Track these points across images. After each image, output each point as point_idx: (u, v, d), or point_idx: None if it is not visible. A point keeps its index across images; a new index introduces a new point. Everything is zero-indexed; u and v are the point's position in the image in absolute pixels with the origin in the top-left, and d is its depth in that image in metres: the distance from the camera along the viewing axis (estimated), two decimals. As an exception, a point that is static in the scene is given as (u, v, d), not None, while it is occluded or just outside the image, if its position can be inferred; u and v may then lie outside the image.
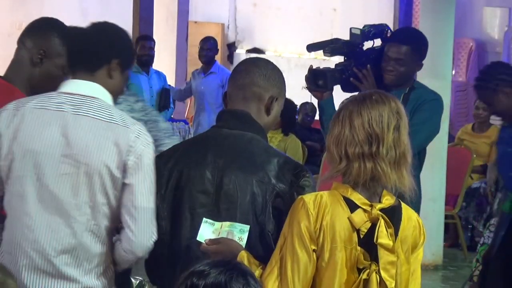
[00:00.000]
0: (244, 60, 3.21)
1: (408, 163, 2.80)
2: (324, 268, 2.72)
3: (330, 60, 5.73)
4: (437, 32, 7.64)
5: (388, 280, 2.73)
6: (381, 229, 2.72)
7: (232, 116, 3.03)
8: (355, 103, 2.80)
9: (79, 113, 2.87)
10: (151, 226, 2.87)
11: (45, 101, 2.91)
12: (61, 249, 2.83)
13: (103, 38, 2.97)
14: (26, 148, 2.85)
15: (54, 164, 2.83)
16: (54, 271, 2.83)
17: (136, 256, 2.89)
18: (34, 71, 3.32)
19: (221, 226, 2.87)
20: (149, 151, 2.88)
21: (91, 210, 2.84)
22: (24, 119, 2.88)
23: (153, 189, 2.89)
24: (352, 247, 2.73)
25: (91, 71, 2.94)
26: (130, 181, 2.84)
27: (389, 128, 2.75)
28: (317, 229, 2.71)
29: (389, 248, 2.73)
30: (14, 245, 2.86)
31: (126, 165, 2.83)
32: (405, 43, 4.44)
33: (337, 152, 2.77)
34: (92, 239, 2.85)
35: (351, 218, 2.73)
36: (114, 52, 2.97)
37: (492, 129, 9.04)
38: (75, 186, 2.83)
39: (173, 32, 12.68)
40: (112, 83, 2.97)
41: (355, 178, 2.75)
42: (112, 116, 2.87)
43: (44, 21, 3.43)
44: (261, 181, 2.90)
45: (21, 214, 2.85)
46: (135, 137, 2.86)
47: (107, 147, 2.83)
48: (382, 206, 2.76)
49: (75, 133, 2.84)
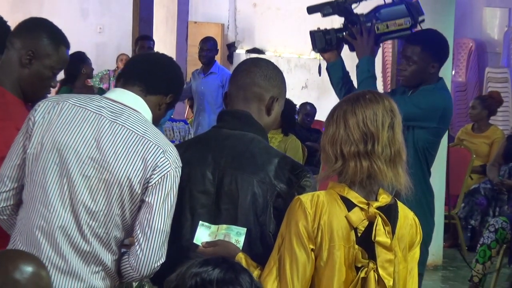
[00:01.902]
0: (245, 61, 3.21)
1: (403, 161, 2.81)
2: (323, 267, 2.73)
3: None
4: (437, 32, 7.64)
5: (386, 278, 2.73)
6: (378, 227, 2.73)
7: (233, 116, 3.04)
8: (349, 102, 2.81)
9: (116, 121, 2.87)
10: (162, 248, 2.85)
11: (87, 101, 2.92)
12: (72, 247, 2.83)
13: (172, 69, 3.06)
14: (56, 141, 2.86)
15: (79, 164, 2.84)
16: (65, 267, 2.84)
17: (140, 274, 2.87)
18: (23, 72, 3.30)
19: (217, 229, 2.87)
20: (175, 175, 2.85)
21: (104, 218, 2.83)
22: (62, 113, 2.89)
23: (172, 212, 2.86)
24: (350, 245, 2.74)
25: (146, 93, 2.98)
26: (150, 199, 2.82)
27: (383, 126, 2.77)
28: (315, 229, 2.72)
29: (386, 246, 2.74)
30: (30, 234, 2.86)
31: (149, 182, 2.82)
32: (416, 43, 4.43)
33: (333, 151, 2.78)
34: (100, 245, 2.85)
35: (349, 217, 2.73)
36: (172, 87, 3.04)
37: (491, 129, 9.05)
38: (94, 191, 2.82)
39: (173, 32, 12.68)
40: (156, 112, 3.01)
41: (351, 177, 2.76)
42: (146, 131, 2.87)
43: (33, 21, 3.41)
44: (262, 182, 2.90)
45: (40, 205, 2.85)
46: (164, 157, 2.84)
47: (134, 160, 2.82)
48: (379, 205, 2.77)
49: (107, 139, 2.84)
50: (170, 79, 3.03)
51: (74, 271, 2.84)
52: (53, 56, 3.31)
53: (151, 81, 2.99)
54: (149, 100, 2.97)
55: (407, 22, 4.43)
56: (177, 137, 9.90)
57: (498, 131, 9.09)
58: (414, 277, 2.88)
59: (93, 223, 2.83)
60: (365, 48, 4.42)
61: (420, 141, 4.34)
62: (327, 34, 4.47)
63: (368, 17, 4.45)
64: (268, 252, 2.80)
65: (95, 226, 2.83)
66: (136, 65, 3.06)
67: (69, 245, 2.83)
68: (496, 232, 6.68)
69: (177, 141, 9.72)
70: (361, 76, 4.44)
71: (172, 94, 3.02)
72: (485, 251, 6.70)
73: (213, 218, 2.92)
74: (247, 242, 2.87)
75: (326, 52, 4.51)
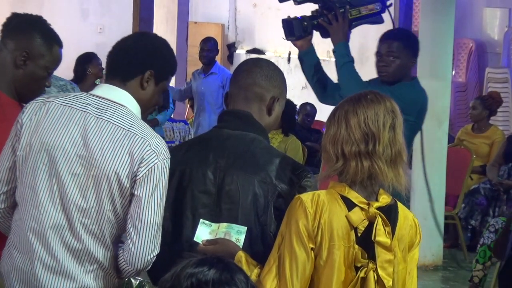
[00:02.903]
0: (246, 61, 3.21)
1: (404, 161, 2.81)
2: (322, 266, 2.73)
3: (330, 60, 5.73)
4: (437, 32, 7.65)
5: (386, 278, 2.74)
6: (379, 227, 2.73)
7: (234, 116, 3.04)
8: (350, 103, 2.82)
9: (102, 117, 2.86)
10: (154, 241, 2.85)
11: (73, 99, 2.92)
12: (65, 247, 2.83)
13: (139, 48, 2.97)
14: (44, 141, 2.86)
15: (68, 162, 2.84)
16: (57, 267, 2.84)
17: (135, 268, 2.87)
18: (17, 73, 3.30)
19: (218, 227, 2.87)
20: (162, 166, 2.84)
21: (96, 215, 2.83)
22: (48, 113, 2.89)
23: (162, 205, 2.86)
24: (350, 245, 2.74)
25: (124, 80, 2.94)
26: (139, 192, 2.82)
27: (384, 127, 2.77)
28: (315, 228, 2.72)
29: (386, 246, 2.74)
30: (23, 235, 2.87)
31: (136, 176, 2.81)
32: (396, 39, 4.54)
33: (334, 151, 2.79)
34: (94, 242, 2.85)
35: (349, 217, 2.74)
36: (148, 63, 2.96)
37: (491, 130, 9.05)
38: (84, 188, 2.83)
39: (173, 32, 12.68)
40: (144, 93, 2.96)
41: (352, 176, 2.77)
42: (132, 125, 2.86)
43: (24, 21, 3.39)
44: (263, 182, 2.90)
45: (30, 207, 2.86)
46: (150, 149, 2.83)
47: (121, 155, 2.82)
48: (379, 205, 2.77)
49: (93, 136, 2.84)
50: (138, 57, 2.95)
51: (67, 271, 2.84)
52: (46, 56, 3.32)
53: (123, 67, 2.95)
54: (130, 86, 2.94)
55: (378, 7, 4.55)
56: (177, 137, 9.90)
57: (498, 132, 9.09)
58: (414, 278, 2.88)
59: (86, 221, 2.83)
60: (340, 33, 4.51)
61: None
62: (304, 21, 4.54)
63: (341, 2, 4.54)
64: (268, 252, 2.80)
65: (88, 223, 2.83)
66: (109, 57, 3.02)
67: (62, 245, 2.83)
68: (497, 233, 6.68)
69: (177, 141, 9.72)
70: (341, 61, 4.52)
71: (151, 69, 2.95)
72: (485, 251, 6.70)
73: (214, 218, 2.92)
74: (248, 242, 2.87)
75: (300, 40, 4.56)
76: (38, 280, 2.84)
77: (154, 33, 3.08)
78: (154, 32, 3.10)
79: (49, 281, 2.83)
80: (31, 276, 2.85)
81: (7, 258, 2.92)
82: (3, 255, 2.95)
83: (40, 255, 2.84)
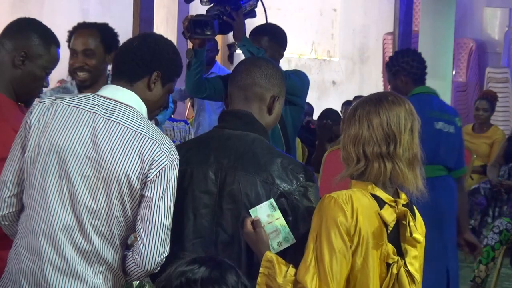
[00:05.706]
0: (244, 60, 3.21)
1: (420, 164, 2.85)
2: (359, 265, 2.75)
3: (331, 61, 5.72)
4: (437, 32, 7.65)
5: (415, 274, 2.79)
6: (412, 223, 2.78)
7: (234, 116, 3.04)
8: (371, 103, 2.84)
9: (111, 118, 2.85)
10: (165, 241, 2.84)
11: (80, 100, 2.91)
12: (74, 248, 2.83)
13: (146, 49, 2.97)
14: (53, 143, 2.85)
15: (77, 164, 2.83)
16: (67, 268, 2.83)
17: (145, 269, 2.86)
18: (16, 73, 3.31)
19: (278, 218, 2.85)
20: (172, 167, 2.84)
21: (106, 216, 2.83)
22: (56, 114, 2.88)
23: (172, 206, 2.85)
24: (383, 242, 2.77)
25: (131, 81, 2.93)
26: (149, 194, 2.81)
27: (405, 129, 2.81)
28: (353, 226, 2.73)
29: (419, 242, 2.79)
30: (31, 237, 2.86)
31: (147, 177, 2.81)
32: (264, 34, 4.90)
33: (355, 151, 2.81)
34: (104, 244, 2.84)
35: (382, 214, 2.77)
36: (155, 64, 2.96)
37: (492, 130, 9.05)
38: (94, 190, 2.82)
39: (174, 32, 12.68)
40: (151, 94, 2.96)
41: (375, 177, 2.79)
42: (141, 126, 2.85)
43: (23, 22, 3.41)
44: (265, 182, 2.90)
45: (40, 208, 2.85)
46: (160, 151, 2.82)
47: (131, 156, 2.81)
48: (403, 202, 2.82)
49: (103, 137, 2.83)
50: (145, 58, 2.96)
51: (76, 272, 2.83)
52: (45, 56, 3.33)
53: (130, 68, 2.94)
54: (136, 87, 2.94)
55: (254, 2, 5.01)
56: (177, 137, 9.90)
57: (498, 131, 9.09)
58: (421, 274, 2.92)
59: (96, 222, 2.83)
60: (242, 29, 4.79)
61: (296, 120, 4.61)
62: (219, 19, 4.74)
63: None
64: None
65: (98, 224, 2.83)
66: (116, 59, 3.02)
67: (72, 246, 2.83)
68: (500, 234, 6.69)
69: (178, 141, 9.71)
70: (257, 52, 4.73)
71: (158, 70, 2.96)
72: (489, 252, 6.70)
73: (216, 219, 2.92)
74: (249, 242, 2.87)
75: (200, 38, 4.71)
76: (48, 281, 2.83)
77: (160, 34, 3.08)
78: (160, 34, 3.09)
79: (58, 282, 2.83)
80: (40, 277, 2.84)
81: (14, 260, 2.91)
82: (10, 257, 2.94)
83: (50, 256, 2.83)
